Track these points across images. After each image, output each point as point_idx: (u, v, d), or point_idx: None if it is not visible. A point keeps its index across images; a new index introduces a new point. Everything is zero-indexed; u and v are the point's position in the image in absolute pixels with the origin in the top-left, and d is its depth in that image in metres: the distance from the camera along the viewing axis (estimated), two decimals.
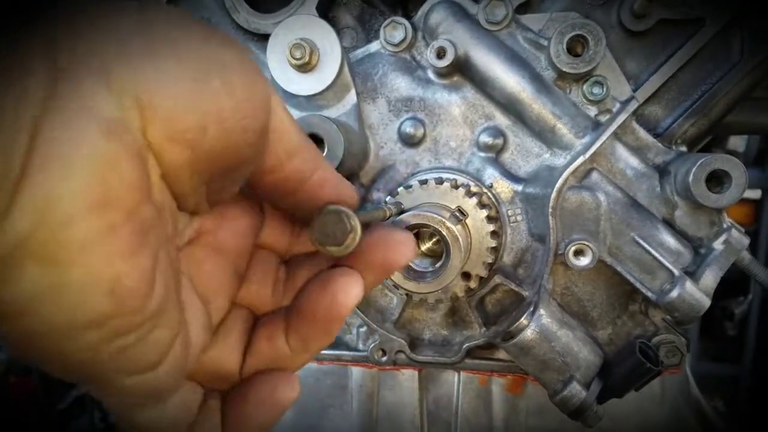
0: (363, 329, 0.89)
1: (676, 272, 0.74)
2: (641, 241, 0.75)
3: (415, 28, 0.81)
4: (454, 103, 0.81)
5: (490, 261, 0.78)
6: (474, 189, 0.79)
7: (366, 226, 0.46)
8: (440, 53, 0.77)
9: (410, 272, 0.73)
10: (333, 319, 0.43)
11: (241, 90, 0.35)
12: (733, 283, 2.99)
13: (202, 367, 0.43)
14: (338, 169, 0.69)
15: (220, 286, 0.44)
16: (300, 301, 0.44)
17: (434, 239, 0.75)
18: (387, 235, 0.46)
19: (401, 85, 0.82)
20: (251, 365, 0.45)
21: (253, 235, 0.48)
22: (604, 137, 0.75)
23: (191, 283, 0.42)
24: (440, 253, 0.73)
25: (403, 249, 0.45)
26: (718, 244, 0.75)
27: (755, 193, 2.95)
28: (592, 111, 0.79)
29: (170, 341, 0.35)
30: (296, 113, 0.75)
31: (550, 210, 0.74)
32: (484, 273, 0.78)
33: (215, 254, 0.44)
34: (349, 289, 0.43)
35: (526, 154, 0.81)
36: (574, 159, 0.75)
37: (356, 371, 0.94)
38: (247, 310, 0.47)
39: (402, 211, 0.70)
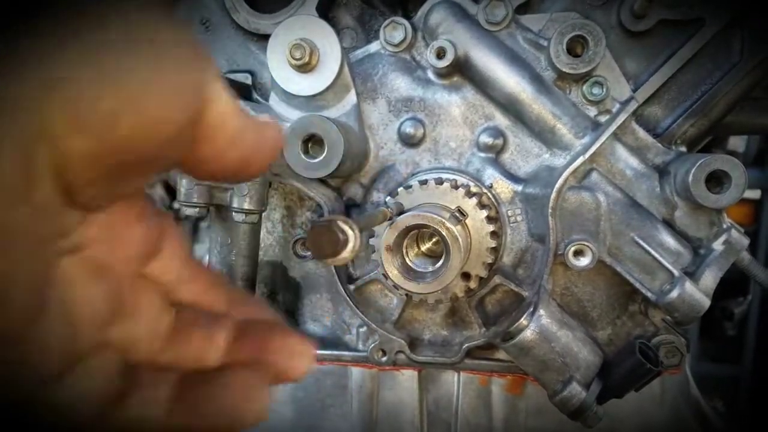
0: (363, 329, 0.89)
1: (675, 273, 0.74)
2: (641, 242, 0.75)
3: (415, 29, 0.81)
4: (454, 104, 0.81)
5: (489, 261, 0.78)
6: (474, 189, 0.79)
7: (365, 230, 0.47)
8: (440, 53, 0.77)
9: (410, 272, 0.73)
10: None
11: (170, 75, 0.30)
12: (733, 283, 2.99)
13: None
14: (338, 169, 0.69)
15: (90, 318, 0.35)
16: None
17: (434, 239, 0.75)
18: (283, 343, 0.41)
19: (401, 85, 0.82)
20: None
21: (145, 256, 0.40)
22: (603, 137, 0.75)
23: (61, 306, 0.33)
24: (440, 253, 0.73)
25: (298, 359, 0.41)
26: (717, 245, 0.75)
27: (755, 193, 2.94)
28: (592, 111, 0.79)
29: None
30: (296, 113, 0.75)
31: (550, 210, 0.74)
32: (483, 273, 0.78)
33: (94, 275, 0.36)
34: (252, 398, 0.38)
35: (526, 155, 0.81)
36: (573, 159, 0.75)
37: (356, 371, 0.94)
38: (117, 354, 0.37)
39: (402, 212, 0.70)
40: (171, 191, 3.19)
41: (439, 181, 0.77)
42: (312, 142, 0.69)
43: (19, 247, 0.27)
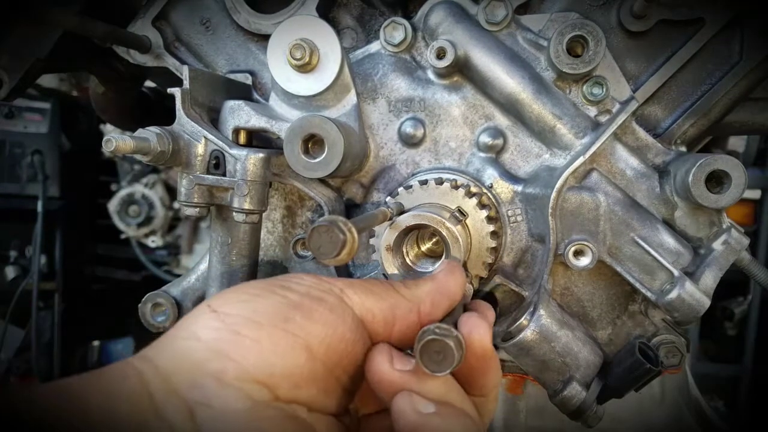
0: None
1: (675, 273, 0.74)
2: (641, 242, 0.75)
3: (415, 29, 0.81)
4: (454, 104, 0.81)
5: (489, 261, 0.78)
6: (474, 189, 0.79)
7: (366, 230, 0.47)
8: (440, 54, 0.77)
9: (410, 272, 0.73)
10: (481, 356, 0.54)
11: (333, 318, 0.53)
12: (733, 283, 2.99)
13: None
14: (338, 169, 0.69)
15: None
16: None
17: (434, 239, 0.75)
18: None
19: (401, 85, 0.82)
20: None
21: None
22: (603, 138, 0.75)
23: None
24: (440, 253, 0.73)
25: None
26: (717, 245, 0.75)
27: (755, 193, 2.95)
28: (592, 111, 0.79)
29: None
30: (296, 113, 0.75)
31: (550, 210, 0.74)
32: (484, 273, 0.78)
33: None
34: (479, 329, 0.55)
35: (526, 155, 0.81)
36: (573, 159, 0.75)
37: None
38: None
39: (402, 212, 0.70)
40: (171, 191, 3.20)
41: (439, 181, 0.77)
42: (312, 142, 0.69)
43: None
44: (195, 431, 0.42)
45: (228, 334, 0.47)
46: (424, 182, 0.77)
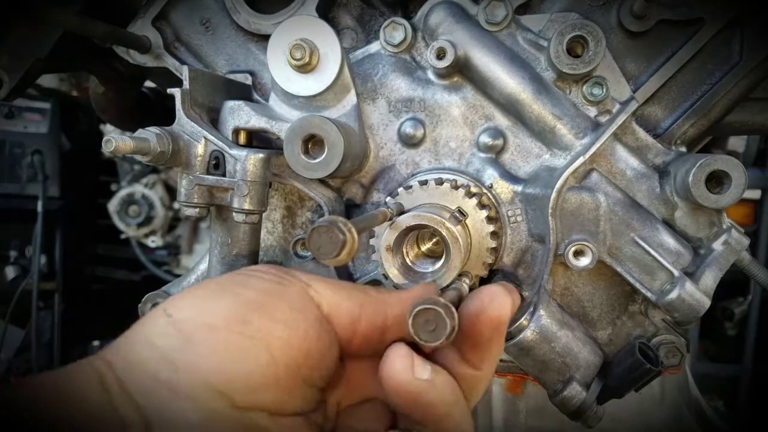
0: None
1: (675, 273, 0.74)
2: (641, 242, 0.75)
3: (415, 29, 0.81)
4: (454, 104, 0.81)
5: (489, 261, 0.78)
6: (474, 190, 0.79)
7: (366, 231, 0.47)
8: (440, 54, 0.77)
9: (410, 273, 0.73)
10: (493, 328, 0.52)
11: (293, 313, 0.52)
12: (733, 283, 2.99)
13: None
14: (338, 169, 0.69)
15: None
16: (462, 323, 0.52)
17: (434, 240, 0.75)
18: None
19: (401, 85, 0.82)
20: None
21: None
22: (603, 138, 0.75)
23: None
24: (440, 253, 0.73)
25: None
26: (717, 245, 0.75)
27: (755, 194, 2.95)
28: (592, 112, 0.79)
29: None
30: (296, 113, 0.75)
31: (550, 210, 0.74)
32: (484, 273, 0.78)
33: None
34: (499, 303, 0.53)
35: (526, 155, 0.81)
36: (573, 160, 0.75)
37: None
38: None
39: (402, 212, 0.70)
40: (171, 191, 3.20)
41: (439, 182, 0.77)
42: (312, 142, 0.69)
43: None
44: None
45: (181, 342, 0.46)
46: (424, 182, 0.77)
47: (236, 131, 0.76)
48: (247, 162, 0.71)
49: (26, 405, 0.39)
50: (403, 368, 0.50)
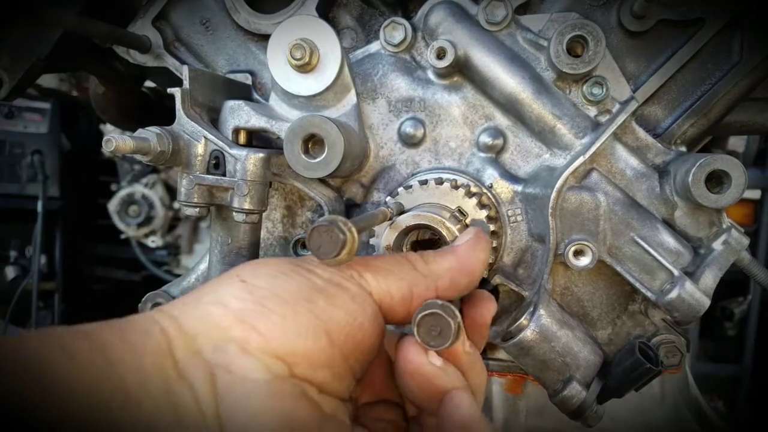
0: None
1: (675, 272, 0.74)
2: (641, 241, 0.75)
3: (415, 29, 0.81)
4: (454, 104, 0.81)
5: (490, 261, 0.78)
6: (474, 189, 0.79)
7: (366, 230, 0.48)
8: (440, 54, 0.77)
9: None
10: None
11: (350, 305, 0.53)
12: (733, 283, 2.99)
13: None
14: (338, 169, 0.69)
15: None
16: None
17: (434, 240, 0.75)
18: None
19: (401, 85, 0.82)
20: None
21: None
22: (603, 138, 0.75)
23: None
24: None
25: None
26: (717, 245, 0.75)
27: (755, 193, 2.95)
28: (592, 111, 0.79)
29: None
30: (296, 113, 0.75)
31: (550, 210, 0.74)
32: (484, 273, 0.78)
33: None
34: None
35: (526, 155, 0.81)
36: (573, 159, 0.75)
37: None
38: None
39: (402, 212, 0.70)
40: (171, 191, 3.20)
41: (439, 181, 0.77)
42: (312, 142, 0.69)
43: None
44: (213, 393, 0.43)
45: (255, 306, 0.48)
46: (424, 182, 0.77)
47: (236, 131, 0.76)
48: (247, 161, 0.71)
49: (86, 361, 0.38)
50: (418, 352, 0.53)
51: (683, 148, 0.81)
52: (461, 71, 0.80)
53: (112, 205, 3.10)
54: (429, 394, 0.53)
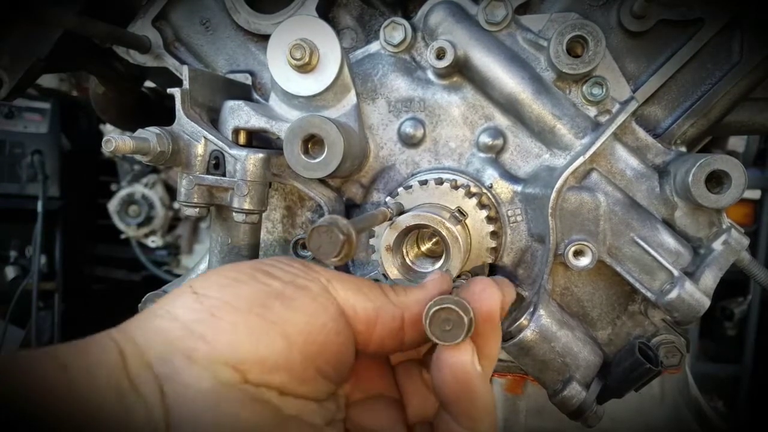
0: None
1: (675, 273, 0.74)
2: (641, 242, 0.75)
3: (414, 29, 0.81)
4: (454, 104, 0.81)
5: (489, 261, 0.78)
6: (474, 189, 0.79)
7: (365, 230, 0.48)
8: (440, 54, 0.77)
9: (410, 273, 0.73)
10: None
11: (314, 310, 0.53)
12: (733, 283, 2.99)
13: None
14: (338, 169, 0.69)
15: None
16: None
17: (434, 240, 0.75)
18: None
19: (401, 85, 0.82)
20: None
21: None
22: (603, 138, 0.75)
23: None
24: (440, 253, 0.73)
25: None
26: (717, 245, 0.75)
27: (755, 194, 2.95)
28: (592, 112, 0.79)
29: None
30: (296, 113, 0.75)
31: (550, 210, 0.74)
32: (483, 273, 0.78)
33: None
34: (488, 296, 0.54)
35: (526, 155, 0.81)
36: (573, 159, 0.75)
37: None
38: None
39: (402, 212, 0.70)
40: (171, 191, 3.20)
41: (439, 182, 0.77)
42: (312, 142, 0.69)
43: None
44: (163, 405, 0.44)
45: (204, 315, 0.49)
46: (423, 182, 0.77)
47: (236, 131, 0.76)
48: (247, 162, 0.71)
49: (38, 375, 0.40)
50: (467, 351, 0.52)
51: (683, 149, 0.81)
52: (461, 71, 0.80)
53: (112, 205, 3.10)
54: (462, 396, 0.52)
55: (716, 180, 0.72)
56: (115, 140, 0.65)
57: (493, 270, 0.82)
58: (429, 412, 0.59)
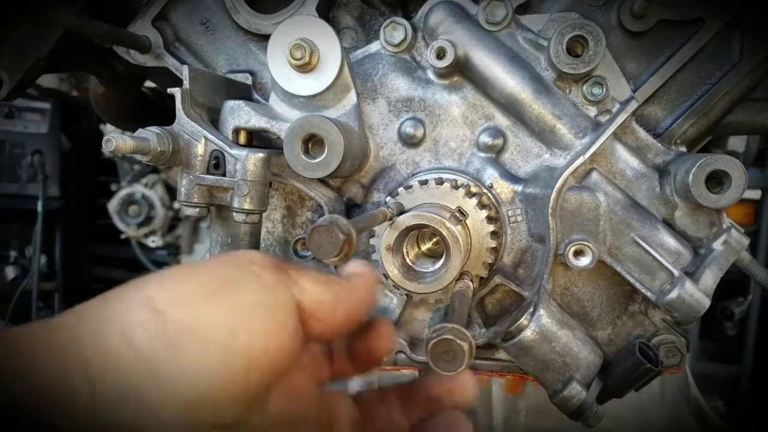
0: None
1: (675, 273, 0.74)
2: (641, 242, 0.75)
3: (415, 29, 0.82)
4: (454, 104, 0.81)
5: (490, 261, 0.78)
6: (474, 189, 0.79)
7: (366, 230, 0.48)
8: (440, 54, 0.77)
9: (410, 272, 0.73)
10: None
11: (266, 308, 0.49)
12: (733, 283, 2.99)
13: None
14: (338, 169, 0.69)
15: None
16: None
17: (434, 240, 0.75)
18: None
19: (401, 85, 0.82)
20: None
21: None
22: (603, 138, 0.75)
23: None
24: (440, 253, 0.73)
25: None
26: (717, 245, 0.75)
27: (755, 194, 2.95)
28: (592, 111, 0.79)
29: None
30: (296, 113, 0.75)
31: (550, 210, 0.74)
32: (484, 273, 0.79)
33: None
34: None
35: (526, 155, 0.81)
36: (573, 159, 0.75)
37: None
38: None
39: (402, 212, 0.70)
40: (171, 191, 3.20)
41: (440, 181, 0.77)
42: (312, 142, 0.69)
43: None
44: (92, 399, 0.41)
45: (164, 346, 0.43)
46: (424, 182, 0.77)
47: (236, 131, 0.76)
48: (247, 162, 0.71)
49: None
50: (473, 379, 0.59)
51: (683, 148, 0.81)
52: (461, 71, 0.80)
53: (112, 205, 3.10)
54: (451, 399, 0.59)
55: (716, 180, 0.72)
56: (115, 140, 0.65)
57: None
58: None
